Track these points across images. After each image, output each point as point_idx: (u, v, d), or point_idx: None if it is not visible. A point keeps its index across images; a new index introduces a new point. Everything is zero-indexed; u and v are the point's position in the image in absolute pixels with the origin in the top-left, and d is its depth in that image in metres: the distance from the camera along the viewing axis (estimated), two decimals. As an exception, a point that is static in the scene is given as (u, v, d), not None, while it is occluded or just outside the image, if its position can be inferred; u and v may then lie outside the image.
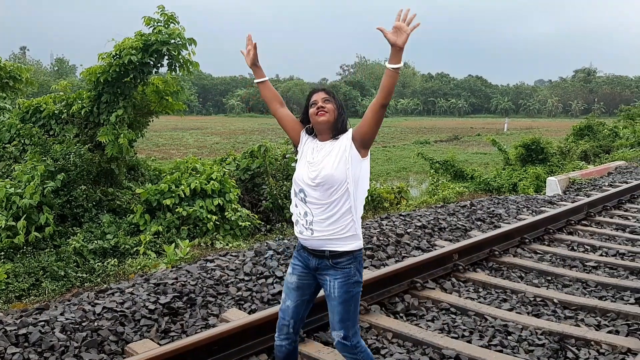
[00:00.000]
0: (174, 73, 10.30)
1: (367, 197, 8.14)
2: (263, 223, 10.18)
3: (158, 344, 3.75)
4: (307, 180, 2.86)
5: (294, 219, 2.99)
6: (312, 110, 2.94)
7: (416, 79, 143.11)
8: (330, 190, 2.80)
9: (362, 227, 6.61)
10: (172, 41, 9.60)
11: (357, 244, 2.85)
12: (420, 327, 4.12)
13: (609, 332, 4.04)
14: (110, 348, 3.72)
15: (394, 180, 22.93)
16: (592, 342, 3.82)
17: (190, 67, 9.99)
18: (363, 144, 2.84)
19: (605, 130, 27.31)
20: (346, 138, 2.86)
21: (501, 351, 3.72)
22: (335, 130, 2.91)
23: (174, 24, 9.92)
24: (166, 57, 9.90)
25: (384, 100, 2.78)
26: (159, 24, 9.85)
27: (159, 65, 9.99)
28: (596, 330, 4.07)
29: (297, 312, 3.03)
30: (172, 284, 4.67)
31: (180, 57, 9.82)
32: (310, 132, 3.03)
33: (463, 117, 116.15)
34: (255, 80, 3.36)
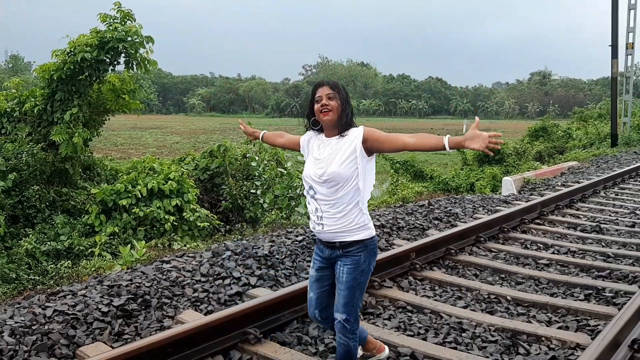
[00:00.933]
0: (131, 71, 10.10)
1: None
2: (222, 223, 10.09)
3: (111, 346, 3.67)
4: (315, 177, 2.95)
5: (309, 214, 3.11)
6: (316, 107, 2.97)
7: (378, 80, 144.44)
8: (337, 186, 2.89)
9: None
10: (129, 39, 9.42)
11: (366, 233, 2.97)
12: (377, 325, 4.15)
13: (559, 327, 4.15)
14: (61, 352, 3.62)
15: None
16: (543, 338, 3.91)
17: (148, 65, 9.82)
18: (374, 151, 2.92)
19: (559, 131, 28.09)
20: (356, 137, 2.88)
21: (455, 348, 3.78)
22: (340, 126, 2.94)
23: (131, 21, 9.73)
24: (123, 55, 9.71)
25: (413, 149, 2.83)
26: (115, 21, 9.65)
27: (115, 63, 9.79)
28: (547, 326, 4.17)
29: (319, 302, 3.19)
30: (127, 285, 4.57)
31: (137, 55, 9.64)
32: (315, 124, 3.05)
33: (423, 118, 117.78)
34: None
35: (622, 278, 5.24)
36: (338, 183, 2.87)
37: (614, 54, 20.80)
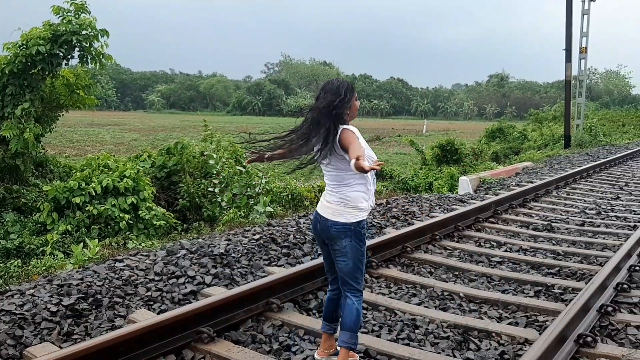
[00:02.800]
0: (85, 66, 9.86)
1: (287, 195, 8.17)
2: (179, 222, 9.96)
3: (59, 347, 3.58)
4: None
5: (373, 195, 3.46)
6: (358, 104, 3.39)
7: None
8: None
9: (280, 226, 6.65)
10: (83, 32, 9.20)
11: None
12: (332, 323, 4.16)
13: (509, 323, 4.25)
14: (8, 352, 3.52)
15: (317, 179, 23.12)
16: (494, 334, 4.00)
17: (103, 59, 9.60)
18: None
19: (515, 132, 28.80)
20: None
21: (408, 344, 3.83)
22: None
23: (85, 14, 9.49)
24: (77, 49, 9.47)
25: None
26: (68, 13, 9.40)
27: (69, 57, 9.55)
28: (498, 322, 4.27)
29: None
30: (77, 285, 4.47)
31: (92, 48, 9.42)
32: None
33: (385, 118, 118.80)
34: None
35: (571, 275, 5.41)
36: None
37: (568, 58, 21.45)
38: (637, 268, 5.38)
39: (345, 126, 3.21)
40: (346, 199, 3.28)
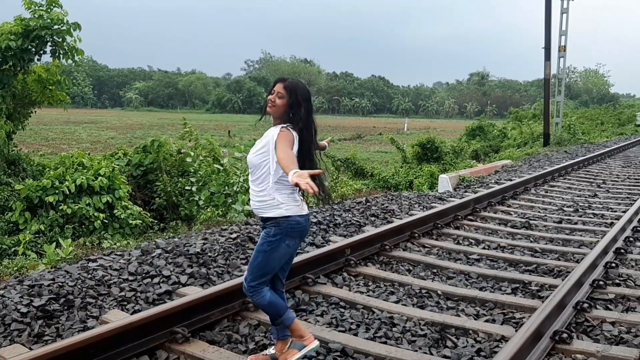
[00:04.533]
0: (58, 61, 9.71)
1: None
2: (156, 221, 9.87)
3: (29, 348, 3.52)
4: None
5: None
6: (268, 97, 3.40)
7: (321, 77, 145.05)
8: (252, 170, 3.39)
9: (258, 225, 6.61)
10: (55, 26, 9.05)
11: (278, 212, 3.31)
12: (309, 322, 4.16)
13: (486, 320, 4.28)
14: (-25, 355, 3.45)
15: (297, 178, 23.03)
16: (470, 331, 4.03)
17: (76, 54, 9.46)
18: None
19: (495, 131, 29.08)
20: (273, 135, 3.25)
21: (385, 343, 3.83)
22: (281, 121, 3.33)
23: (57, 8, 9.34)
24: (49, 44, 9.32)
25: None
26: (40, 8, 9.23)
27: (41, 52, 9.39)
28: (475, 319, 4.30)
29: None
30: (49, 285, 4.41)
31: (64, 43, 9.27)
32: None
33: (366, 116, 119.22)
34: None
35: (548, 272, 5.47)
36: (251, 168, 3.40)
37: (547, 56, 21.72)
38: (613, 265, 5.45)
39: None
40: None
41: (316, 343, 3.55)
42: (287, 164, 3.02)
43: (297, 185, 2.81)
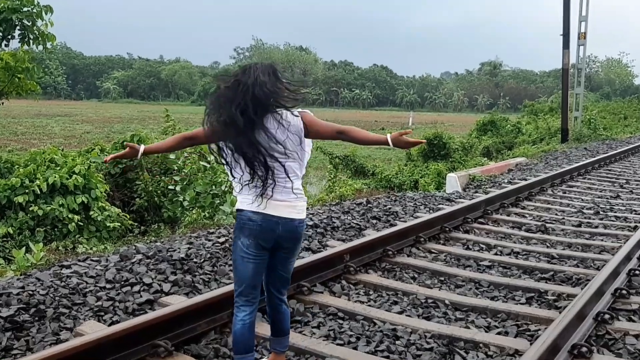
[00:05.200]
0: (26, 47, 9.69)
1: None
2: (136, 224, 9.87)
3: (-4, 364, 3.52)
4: None
5: None
6: None
7: (318, 66, 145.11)
8: None
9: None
10: (25, 9, 9.02)
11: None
12: (304, 334, 4.17)
13: (498, 333, 4.30)
14: (-64, 371, 3.45)
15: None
16: (481, 345, 4.04)
17: (47, 40, 9.44)
18: None
19: (509, 125, 29.14)
20: None
21: (388, 357, 3.85)
22: None
23: (27, -12, 9.33)
24: (18, 28, 9.30)
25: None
26: (9, -12, 9.23)
27: (9, 37, 9.37)
28: (486, 332, 4.32)
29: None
30: (18, 294, 4.39)
31: (34, 28, 9.25)
32: None
33: (367, 109, 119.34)
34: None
35: (566, 280, 5.49)
36: None
37: (566, 44, 21.74)
38: (637, 272, 5.47)
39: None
40: (300, 192, 3.31)
41: None
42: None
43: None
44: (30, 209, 8.76)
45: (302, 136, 3.22)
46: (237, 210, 3.28)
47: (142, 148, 3.47)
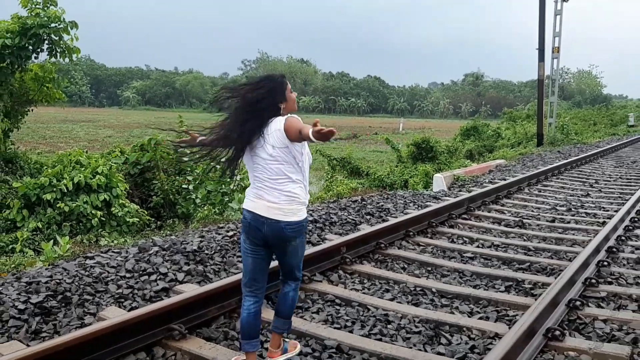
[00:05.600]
0: (53, 59, 9.67)
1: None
2: (153, 219, 9.85)
3: (27, 345, 3.51)
4: None
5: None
6: (294, 97, 3.26)
7: (317, 77, 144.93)
8: None
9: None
10: (52, 25, 9.00)
11: None
12: (305, 319, 4.17)
13: (480, 318, 4.29)
14: (-27, 351, 3.43)
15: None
16: (465, 328, 4.04)
17: (72, 53, 9.42)
18: None
19: (490, 131, 29.11)
20: None
21: (380, 339, 3.84)
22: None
23: (54, 6, 9.30)
24: (46, 42, 9.28)
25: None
26: (37, 6, 9.19)
27: (38, 50, 9.35)
28: (469, 317, 4.31)
29: None
30: (46, 282, 4.39)
31: (61, 42, 9.23)
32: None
33: (362, 116, 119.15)
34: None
35: (541, 270, 5.49)
36: None
37: (541, 57, 21.76)
38: (605, 263, 5.48)
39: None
40: (294, 195, 3.17)
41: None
42: None
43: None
44: (58, 205, 8.74)
45: (285, 139, 3.09)
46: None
47: (200, 138, 3.44)
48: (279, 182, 3.15)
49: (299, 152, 3.16)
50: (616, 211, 8.11)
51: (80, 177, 8.99)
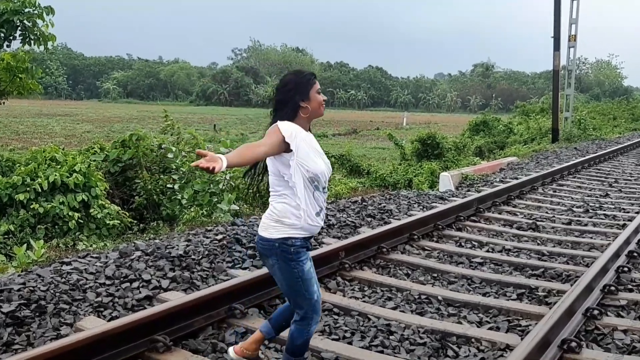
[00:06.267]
0: (27, 47, 9.64)
1: (256, 195, 8.07)
2: (135, 222, 9.84)
3: (-3, 359, 3.51)
4: (329, 172, 3.26)
5: (314, 211, 3.17)
6: (320, 99, 3.18)
7: (314, 67, 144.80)
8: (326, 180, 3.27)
9: (245, 225, 6.62)
10: (26, 10, 8.98)
11: None
12: (300, 329, 4.16)
13: (490, 328, 4.31)
14: (-61, 366, 3.43)
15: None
16: (473, 340, 4.05)
17: (48, 40, 9.39)
18: None
19: (501, 126, 29.18)
20: None
21: (382, 352, 3.85)
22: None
23: (28, -10, 9.29)
24: (19, 29, 9.25)
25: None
26: (11, -10, 9.19)
27: (10, 38, 9.32)
28: (477, 327, 4.32)
29: None
30: (19, 290, 4.38)
31: (35, 28, 9.21)
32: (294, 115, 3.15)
33: (363, 109, 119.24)
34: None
35: (556, 277, 5.50)
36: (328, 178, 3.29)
37: (556, 46, 21.79)
38: (626, 269, 5.49)
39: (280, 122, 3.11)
40: (273, 210, 3.17)
41: None
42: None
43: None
44: (32, 206, 8.73)
45: None
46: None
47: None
48: (271, 194, 3.21)
49: (284, 165, 3.10)
50: (637, 212, 8.13)
51: (56, 175, 8.98)
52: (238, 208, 8.43)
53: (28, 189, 8.88)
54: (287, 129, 3.04)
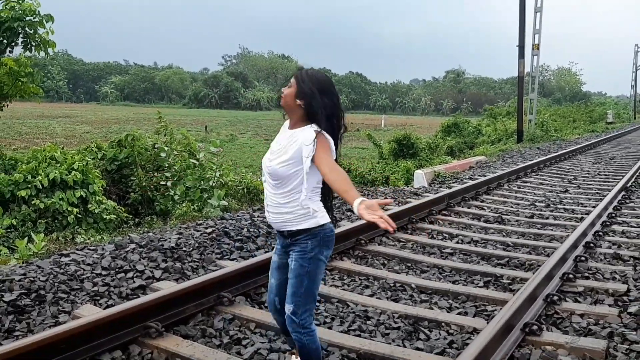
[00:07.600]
0: (28, 53, 9.51)
1: (242, 189, 8.04)
2: (131, 216, 9.76)
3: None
4: (264, 166, 2.97)
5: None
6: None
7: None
8: (278, 182, 2.88)
9: (234, 219, 6.58)
10: (27, 18, 8.85)
11: (313, 221, 2.87)
12: (284, 316, 4.15)
13: (459, 313, 4.33)
14: (-57, 351, 3.37)
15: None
16: (443, 324, 4.07)
17: (48, 47, 9.27)
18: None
19: (470, 127, 29.35)
20: (305, 139, 2.79)
21: (359, 335, 3.85)
22: (299, 119, 2.92)
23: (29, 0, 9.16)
24: (21, 36, 9.12)
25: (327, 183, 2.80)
26: (11, -1, 9.05)
27: (12, 44, 9.19)
28: (447, 312, 4.34)
29: (280, 290, 3.11)
30: (20, 280, 4.33)
31: (36, 35, 9.08)
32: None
33: (345, 112, 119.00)
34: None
35: (519, 266, 5.55)
36: (278, 180, 2.88)
37: (521, 54, 21.98)
38: (583, 258, 5.55)
39: None
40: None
41: None
42: (346, 188, 2.63)
43: (369, 221, 2.44)
44: (33, 202, 8.63)
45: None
46: (320, 226, 2.92)
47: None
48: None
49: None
50: (594, 207, 8.22)
51: (55, 173, 8.88)
52: (227, 203, 8.39)
53: (29, 185, 8.77)
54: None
